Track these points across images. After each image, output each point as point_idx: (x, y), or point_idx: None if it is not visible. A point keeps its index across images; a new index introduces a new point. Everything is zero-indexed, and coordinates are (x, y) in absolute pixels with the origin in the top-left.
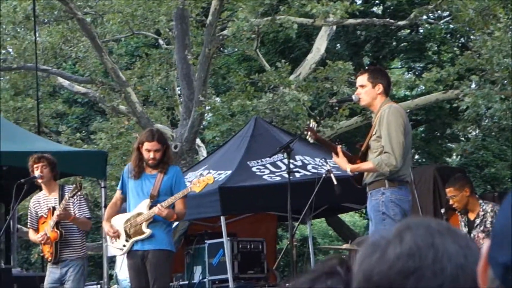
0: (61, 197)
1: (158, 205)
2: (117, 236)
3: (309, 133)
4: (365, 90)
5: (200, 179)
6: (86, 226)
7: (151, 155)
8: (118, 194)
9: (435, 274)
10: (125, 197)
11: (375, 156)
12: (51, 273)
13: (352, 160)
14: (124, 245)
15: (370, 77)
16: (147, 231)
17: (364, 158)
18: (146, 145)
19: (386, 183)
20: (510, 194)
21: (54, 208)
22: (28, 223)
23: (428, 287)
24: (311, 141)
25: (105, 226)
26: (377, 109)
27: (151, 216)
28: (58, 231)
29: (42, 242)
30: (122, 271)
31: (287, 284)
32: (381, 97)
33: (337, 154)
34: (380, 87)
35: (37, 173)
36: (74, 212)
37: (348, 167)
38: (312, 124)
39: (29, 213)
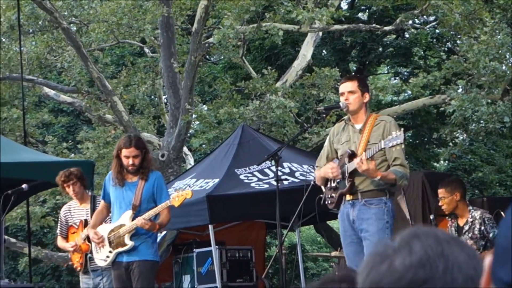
0: (93, 209)
1: (141, 218)
2: (101, 242)
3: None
4: (354, 97)
5: (179, 194)
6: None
7: (130, 161)
8: (102, 203)
9: (446, 284)
10: (110, 205)
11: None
12: (85, 284)
13: None
14: (108, 256)
15: (360, 85)
16: (129, 243)
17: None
18: (124, 152)
19: (387, 193)
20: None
21: (86, 221)
22: (58, 230)
23: None
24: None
25: (90, 232)
26: (364, 119)
27: (133, 228)
28: (89, 245)
29: (72, 251)
30: None
31: None
32: (365, 107)
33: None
34: (367, 97)
35: (70, 191)
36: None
37: (379, 176)
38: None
39: (59, 221)
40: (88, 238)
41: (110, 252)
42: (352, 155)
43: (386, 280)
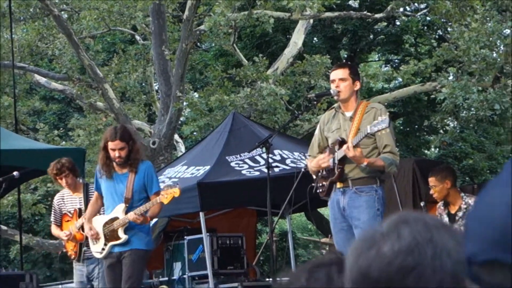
0: (87, 197)
1: (132, 213)
2: (96, 238)
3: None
4: (345, 85)
5: (168, 191)
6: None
7: (116, 153)
8: (96, 194)
9: (435, 270)
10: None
11: (366, 152)
12: (78, 271)
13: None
14: (103, 249)
15: (351, 72)
16: (123, 237)
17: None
18: (110, 145)
19: (378, 180)
20: (479, 196)
21: (80, 210)
22: (52, 218)
23: (428, 284)
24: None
25: (86, 227)
26: (354, 106)
27: (126, 222)
28: (84, 234)
29: (67, 239)
30: None
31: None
32: (355, 94)
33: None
34: (358, 84)
35: (63, 182)
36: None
37: (365, 162)
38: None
39: (52, 209)
40: (82, 228)
41: (105, 245)
42: (342, 143)
43: (375, 265)
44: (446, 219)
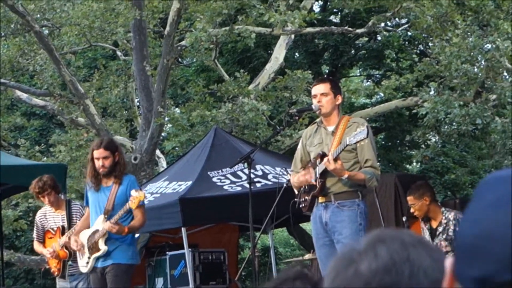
0: (69, 215)
1: (108, 222)
2: (81, 249)
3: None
4: (327, 99)
5: (134, 196)
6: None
7: (100, 163)
8: (88, 210)
9: None
10: None
11: (347, 166)
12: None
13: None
14: (87, 262)
15: (333, 87)
16: (103, 248)
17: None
18: (95, 154)
19: (360, 194)
20: (468, 207)
21: (63, 227)
22: (34, 235)
23: None
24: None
25: (72, 239)
26: (336, 121)
27: (104, 232)
28: (67, 252)
29: (50, 257)
30: None
31: None
32: (337, 109)
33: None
34: (339, 99)
35: (45, 200)
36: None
37: (346, 174)
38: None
39: (35, 226)
40: (66, 245)
41: (89, 258)
42: (323, 156)
43: (353, 285)
44: (426, 235)
